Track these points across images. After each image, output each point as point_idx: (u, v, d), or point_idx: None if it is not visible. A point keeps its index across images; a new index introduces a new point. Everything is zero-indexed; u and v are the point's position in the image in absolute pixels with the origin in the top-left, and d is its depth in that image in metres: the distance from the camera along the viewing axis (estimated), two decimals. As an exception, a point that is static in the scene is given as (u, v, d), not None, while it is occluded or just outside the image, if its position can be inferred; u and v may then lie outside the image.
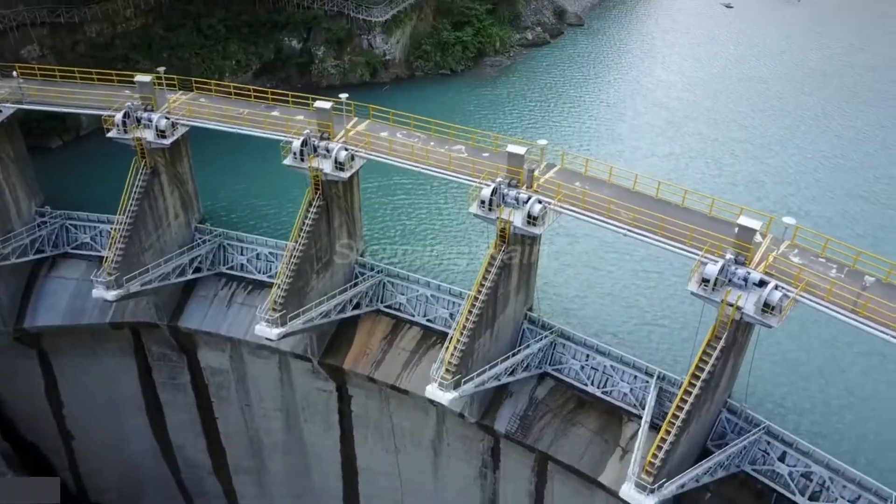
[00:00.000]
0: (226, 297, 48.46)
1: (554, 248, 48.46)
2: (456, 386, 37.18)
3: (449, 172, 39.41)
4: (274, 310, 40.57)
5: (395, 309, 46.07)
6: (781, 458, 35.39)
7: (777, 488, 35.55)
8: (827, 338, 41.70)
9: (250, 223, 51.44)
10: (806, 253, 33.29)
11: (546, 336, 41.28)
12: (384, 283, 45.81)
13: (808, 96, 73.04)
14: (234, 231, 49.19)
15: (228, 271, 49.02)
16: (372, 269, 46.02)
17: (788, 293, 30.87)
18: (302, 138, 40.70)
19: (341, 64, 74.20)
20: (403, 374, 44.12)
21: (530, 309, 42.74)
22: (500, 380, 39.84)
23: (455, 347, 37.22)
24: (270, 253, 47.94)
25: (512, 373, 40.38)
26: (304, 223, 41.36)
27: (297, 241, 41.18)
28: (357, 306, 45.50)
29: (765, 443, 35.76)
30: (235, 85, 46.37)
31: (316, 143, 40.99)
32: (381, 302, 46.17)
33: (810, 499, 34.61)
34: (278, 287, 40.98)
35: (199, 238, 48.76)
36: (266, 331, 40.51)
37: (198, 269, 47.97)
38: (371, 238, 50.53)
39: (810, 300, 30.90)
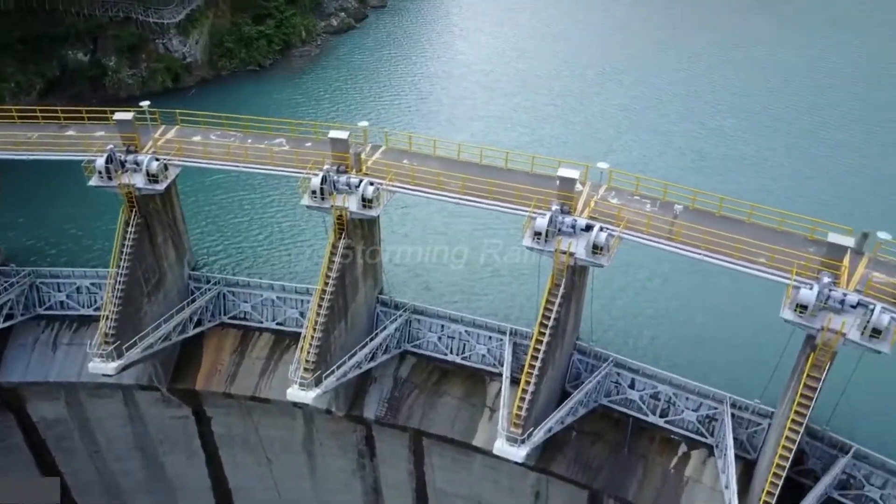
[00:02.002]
0: (49, 341, 44.04)
1: (393, 226, 48.70)
2: (318, 383, 36.46)
3: (273, 168, 38.21)
4: (106, 343, 37.48)
5: (240, 319, 44.22)
6: (631, 386, 38.16)
7: (632, 413, 38.37)
8: (654, 272, 45.28)
9: (62, 257, 47.01)
10: (622, 193, 35.79)
11: (400, 315, 41.47)
12: (224, 294, 43.74)
13: (609, 57, 78.16)
14: (45, 267, 44.69)
15: (47, 312, 44.54)
16: (208, 282, 43.74)
17: (613, 233, 33.07)
18: (106, 154, 37.57)
19: (139, 72, 69.31)
20: (261, 382, 42.57)
21: (381, 292, 42.68)
22: (361, 367, 39.55)
23: (310, 345, 36.44)
24: (92, 284, 44.11)
25: (372, 358, 40.22)
26: (123, 245, 38.40)
27: (119, 267, 38.18)
28: (199, 323, 43.12)
29: (615, 374, 38.36)
30: (18, 108, 41.88)
31: (122, 157, 38.05)
32: (225, 314, 44.09)
33: (661, 415, 37.72)
34: (107, 318, 37.86)
35: (4, 281, 43.76)
36: (101, 367, 37.38)
37: (9, 316, 43.12)
38: (203, 249, 48.01)
39: (633, 236, 33.31)
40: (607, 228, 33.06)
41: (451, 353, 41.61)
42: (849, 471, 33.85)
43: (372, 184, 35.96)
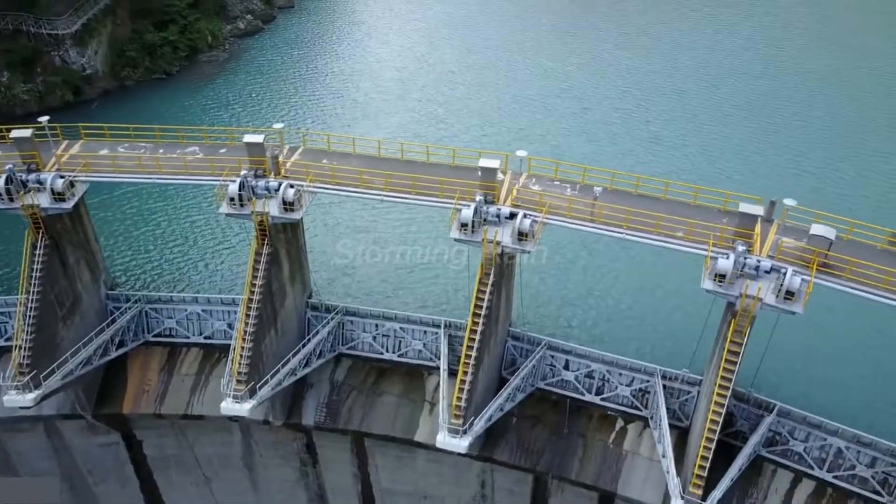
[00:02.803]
0: (-45, 377, 41.28)
1: (318, 228, 48.04)
2: (252, 394, 35.58)
3: (187, 177, 36.97)
4: (21, 373, 35.45)
5: (165, 336, 42.66)
6: (566, 367, 38.90)
7: (569, 394, 39.14)
8: (578, 254, 46.29)
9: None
10: (543, 179, 36.33)
11: (332, 318, 40.90)
12: (146, 312, 42.07)
13: (519, 46, 79.15)
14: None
15: (-49, 346, 41.77)
16: (128, 301, 41.96)
17: (537, 219, 33.55)
18: (5, 175, 35.45)
19: (35, 87, 65.69)
20: (193, 399, 41.24)
21: (310, 296, 42.00)
22: (296, 374, 38.83)
23: (241, 356, 35.51)
24: (0, 313, 41.60)
25: (307, 364, 39.54)
26: (32, 270, 36.35)
27: (28, 293, 36.14)
28: (121, 344, 41.34)
29: (549, 357, 39.00)
30: None
31: (24, 177, 35.99)
32: (148, 332, 42.43)
33: (596, 393, 38.64)
34: (19, 347, 35.80)
35: None
36: (18, 399, 35.35)
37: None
38: (120, 266, 46.08)
39: (556, 220, 33.89)
40: (531, 215, 33.50)
41: (387, 351, 41.39)
42: (774, 428, 35.50)
43: (292, 186, 35.28)
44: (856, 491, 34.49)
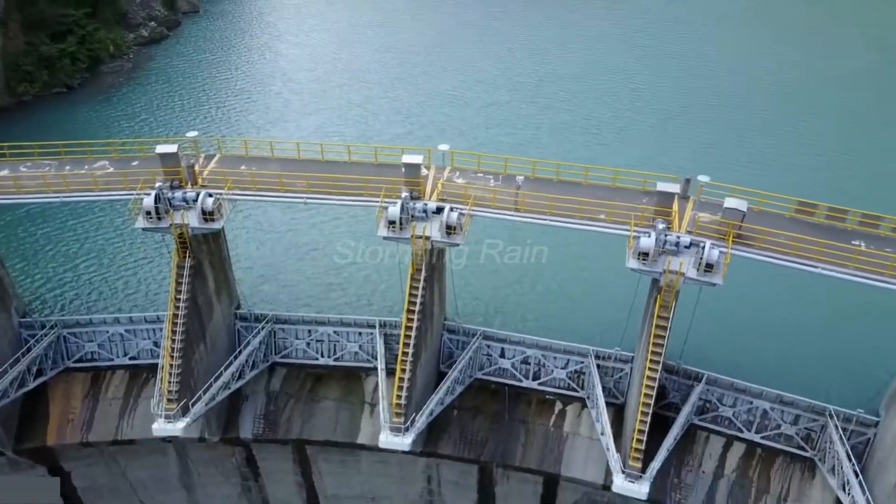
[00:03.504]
0: None
1: (241, 236, 46.90)
2: (185, 412, 34.45)
3: (99, 193, 35.41)
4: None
5: (87, 360, 40.79)
6: (502, 355, 39.31)
7: (507, 381, 39.60)
8: (506, 242, 46.67)
9: None
10: (466, 172, 36.53)
11: (263, 328, 39.98)
12: (64, 337, 40.06)
13: (431, 42, 79.28)
14: None
15: None
16: (44, 326, 39.84)
17: (463, 212, 33.71)
18: None
19: (-79, 109, 61.57)
20: (122, 424, 39.59)
21: (238, 307, 40.93)
22: (230, 388, 37.80)
23: (170, 374, 34.32)
24: None
25: (240, 376, 38.56)
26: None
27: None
28: (39, 373, 39.25)
29: (486, 347, 39.32)
30: None
31: (-85, 204, 33.67)
32: (68, 358, 40.46)
33: (534, 379, 39.21)
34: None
35: None
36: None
37: None
38: (32, 292, 43.70)
39: (482, 212, 34.13)
40: (457, 208, 33.64)
41: (322, 356, 40.81)
42: (704, 397, 36.91)
43: (211, 195, 34.25)
44: (783, 449, 36.29)
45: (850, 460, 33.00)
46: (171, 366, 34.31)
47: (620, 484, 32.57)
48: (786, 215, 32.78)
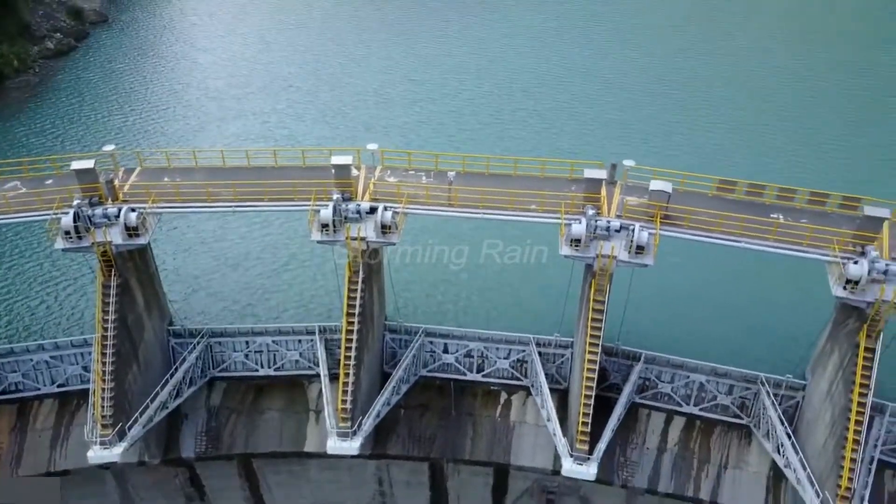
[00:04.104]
0: None
1: (168, 249, 45.51)
2: (121, 436, 33.23)
3: (11, 216, 33.65)
4: None
5: (11, 391, 38.83)
6: (445, 351, 39.39)
7: (452, 376, 39.72)
8: (441, 238, 46.75)
9: None
10: (397, 171, 36.39)
11: (198, 343, 38.86)
12: (-17, 369, 38.03)
13: (352, 42, 78.38)
14: None
15: None
16: (-40, 360, 37.72)
17: (397, 210, 33.57)
18: None
19: None
20: (54, 454, 37.85)
21: (171, 323, 39.65)
22: (167, 407, 36.65)
23: (102, 398, 33.03)
24: None
25: (178, 394, 37.42)
26: None
27: None
28: (-40, 408, 37.14)
29: (429, 344, 39.32)
30: None
31: None
32: (-10, 390, 38.43)
33: (478, 371, 39.46)
34: None
35: None
36: None
37: None
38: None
39: (416, 209, 34.09)
40: (391, 207, 33.48)
41: (263, 366, 39.99)
42: (643, 375, 37.91)
43: (134, 210, 33.06)
44: (720, 418, 37.66)
45: (782, 424, 34.54)
46: (103, 390, 33.00)
47: (569, 467, 33.17)
48: (708, 194, 33.95)
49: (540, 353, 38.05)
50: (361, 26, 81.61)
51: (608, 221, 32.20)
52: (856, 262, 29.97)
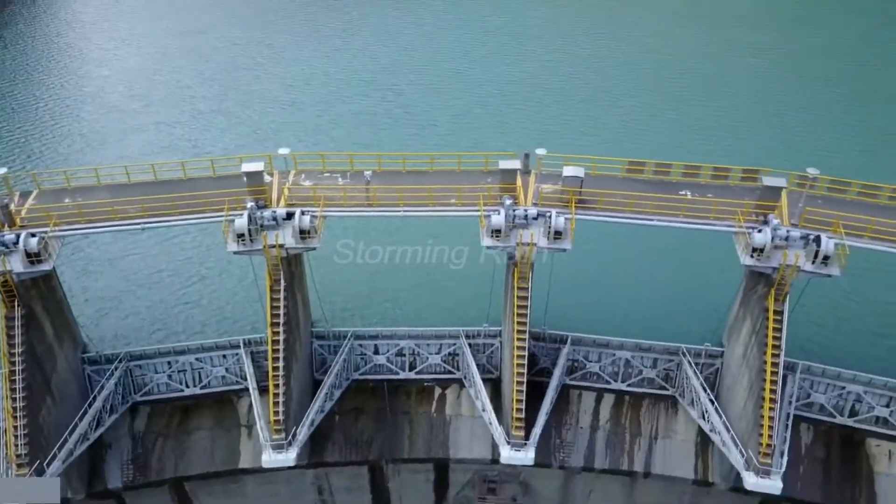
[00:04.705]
0: None
1: (76, 273, 43.39)
2: (40, 473, 31.46)
3: None
4: None
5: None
6: (376, 352, 39.18)
7: (384, 377, 39.53)
8: (361, 238, 46.33)
9: None
10: (312, 174, 35.84)
11: (116, 368, 37.17)
12: None
13: (252, 47, 76.41)
14: None
15: None
16: None
17: (315, 214, 33.04)
18: None
19: None
20: (-33, 501, 35.42)
21: (84, 350, 37.78)
22: (88, 438, 35.03)
23: (15, 436, 31.23)
24: None
25: (98, 423, 35.77)
26: None
27: None
28: None
29: (358, 347, 38.99)
30: None
31: None
32: None
33: (410, 369, 39.42)
34: None
35: None
36: None
37: None
38: None
39: (335, 212, 33.74)
40: (308, 211, 32.95)
41: (188, 386, 38.71)
42: (572, 357, 38.81)
43: (34, 235, 31.30)
44: (647, 392, 39.02)
45: (704, 391, 36.08)
46: (15, 427, 31.19)
47: (507, 455, 33.64)
48: (619, 176, 35.01)
49: (470, 345, 38.35)
50: (265, 29, 79.76)
51: (525, 210, 32.73)
52: (760, 231, 31.58)
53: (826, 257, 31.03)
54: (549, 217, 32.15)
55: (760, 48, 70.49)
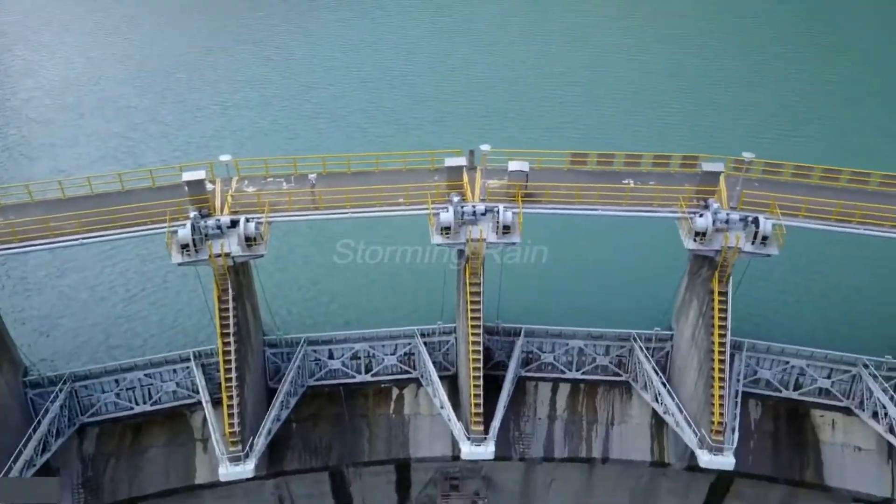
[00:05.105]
0: None
1: (7, 293, 41.73)
2: (-16, 505, 30.09)
3: None
4: None
5: None
6: (330, 356, 38.79)
7: (340, 381, 39.17)
8: (312, 242, 45.84)
9: None
10: (256, 179, 35.22)
11: (60, 389, 35.85)
12: None
13: (189, 54, 74.59)
14: None
15: None
16: None
17: (260, 220, 32.48)
18: None
19: None
20: None
21: (25, 373, 36.32)
22: (35, 464, 33.72)
23: (-45, 467, 29.72)
24: None
25: (44, 449, 34.44)
26: None
27: None
28: None
29: (312, 353, 38.52)
30: None
31: None
32: None
33: (366, 371, 39.19)
34: None
35: None
36: None
37: None
38: None
39: (280, 217, 33.24)
40: (253, 218, 32.38)
41: (138, 403, 37.62)
42: (526, 349, 39.18)
43: (-37, 257, 29.93)
44: (601, 379, 39.65)
45: (657, 374, 36.91)
46: (-46, 459, 29.74)
47: (468, 450, 33.78)
48: (563, 168, 35.46)
49: (426, 343, 38.33)
50: (200, 34, 77.92)
51: (474, 206, 32.88)
52: (701, 216, 32.41)
53: (765, 237, 32.08)
54: (497, 212, 32.34)
55: (689, 38, 72.42)
